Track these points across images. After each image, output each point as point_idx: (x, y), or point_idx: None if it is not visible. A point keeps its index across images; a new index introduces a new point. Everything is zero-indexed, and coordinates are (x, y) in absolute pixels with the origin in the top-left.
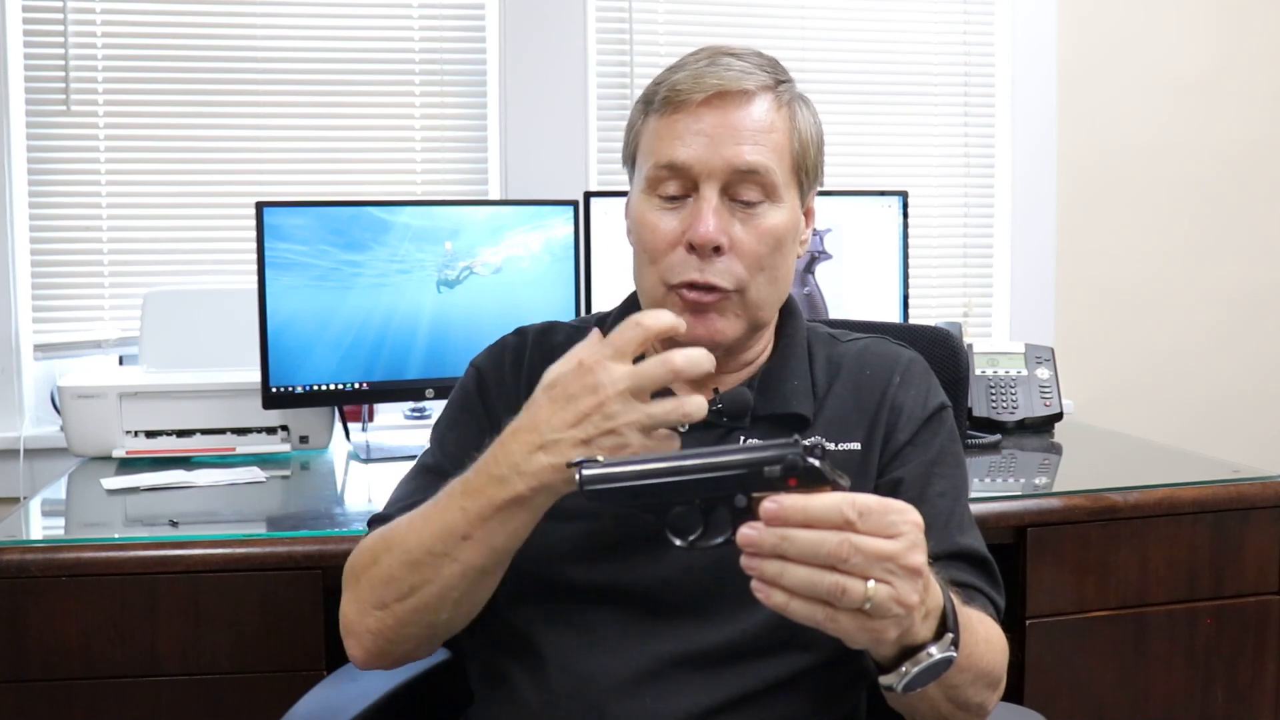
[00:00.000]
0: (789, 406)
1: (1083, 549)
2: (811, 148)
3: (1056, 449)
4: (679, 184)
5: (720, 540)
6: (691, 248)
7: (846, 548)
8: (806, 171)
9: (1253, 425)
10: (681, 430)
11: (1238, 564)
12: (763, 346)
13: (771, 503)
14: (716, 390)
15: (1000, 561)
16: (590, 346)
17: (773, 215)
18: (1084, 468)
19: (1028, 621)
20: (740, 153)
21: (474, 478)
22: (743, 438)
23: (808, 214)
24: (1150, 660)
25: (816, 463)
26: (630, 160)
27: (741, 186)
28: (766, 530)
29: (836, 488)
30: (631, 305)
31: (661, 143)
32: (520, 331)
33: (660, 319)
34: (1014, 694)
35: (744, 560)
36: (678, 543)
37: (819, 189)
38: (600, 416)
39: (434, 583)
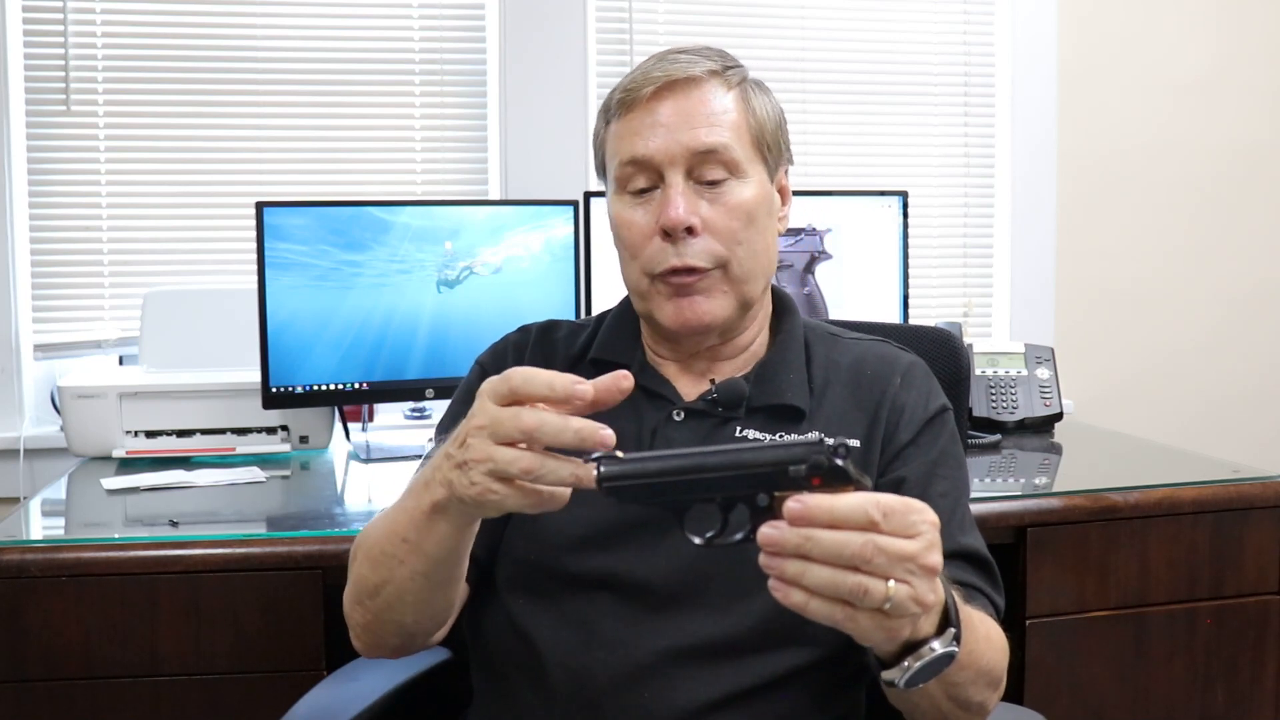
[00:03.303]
0: (784, 398)
1: (1083, 549)
2: (769, 124)
3: (1056, 449)
4: (646, 177)
5: (739, 538)
6: (666, 234)
7: (871, 549)
8: (768, 147)
9: (1253, 425)
10: (677, 419)
11: (1238, 564)
12: (756, 332)
13: (796, 502)
14: (713, 380)
15: (1000, 561)
16: (497, 376)
17: (739, 190)
18: (1084, 468)
19: (1028, 621)
20: (697, 135)
21: (417, 479)
22: (739, 428)
23: (782, 191)
24: (1150, 660)
25: (842, 463)
26: (601, 170)
27: (704, 168)
28: (789, 530)
29: (860, 488)
30: (625, 309)
31: (622, 142)
32: (524, 329)
33: (530, 382)
34: (1014, 694)
35: (763, 559)
36: (695, 540)
37: (790, 166)
38: (463, 446)
39: (391, 583)
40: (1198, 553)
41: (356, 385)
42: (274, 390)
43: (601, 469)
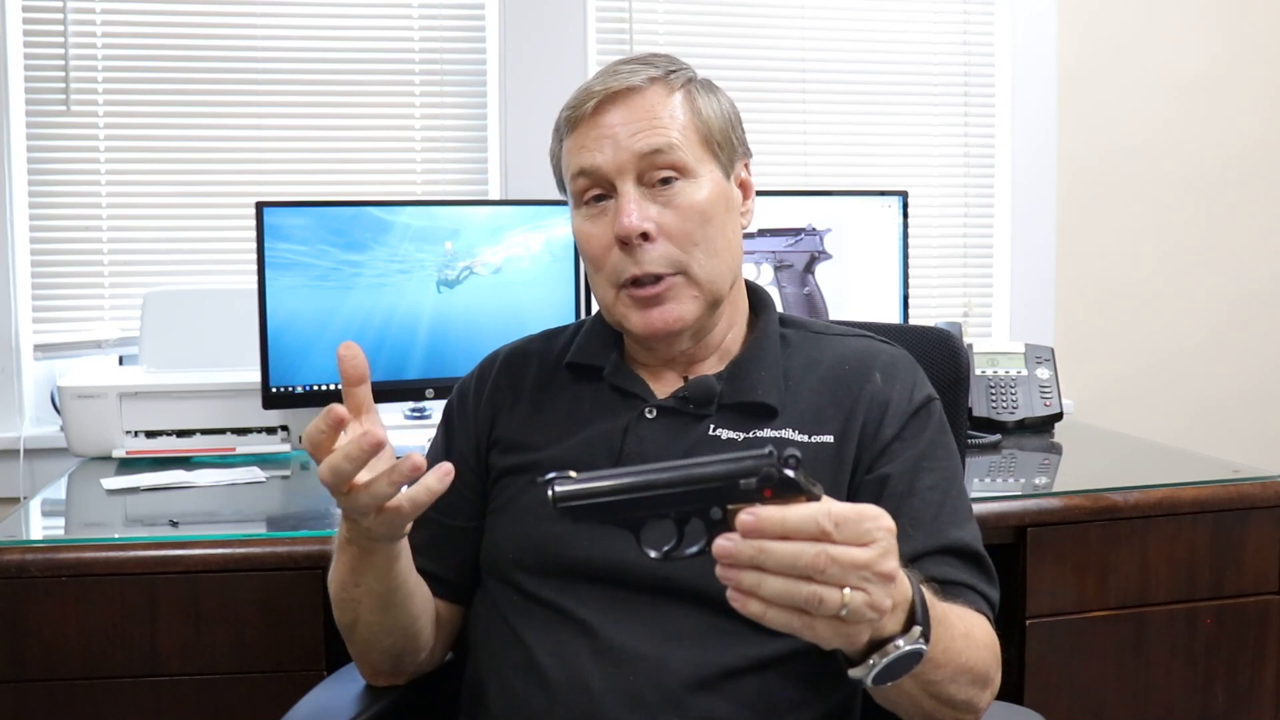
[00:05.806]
0: (755, 395)
1: (1083, 549)
2: (717, 121)
3: (1056, 449)
4: (599, 187)
5: (695, 551)
6: (623, 243)
7: (824, 559)
8: (719, 145)
9: (1253, 425)
10: (649, 416)
11: (1238, 564)
12: (728, 328)
13: (749, 515)
14: (686, 378)
15: (1000, 561)
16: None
17: (691, 192)
18: (1084, 468)
19: (1028, 621)
20: (640, 140)
21: (338, 541)
22: (711, 426)
23: (744, 186)
24: (1150, 660)
25: (792, 474)
26: (562, 186)
27: (653, 172)
28: (743, 542)
29: (811, 498)
30: (597, 318)
31: (573, 157)
32: (493, 355)
33: (312, 437)
34: (1014, 694)
35: (720, 571)
36: (652, 554)
37: (749, 159)
38: (343, 507)
39: (360, 620)
40: (1198, 553)
41: None
42: (274, 390)
43: (555, 489)
